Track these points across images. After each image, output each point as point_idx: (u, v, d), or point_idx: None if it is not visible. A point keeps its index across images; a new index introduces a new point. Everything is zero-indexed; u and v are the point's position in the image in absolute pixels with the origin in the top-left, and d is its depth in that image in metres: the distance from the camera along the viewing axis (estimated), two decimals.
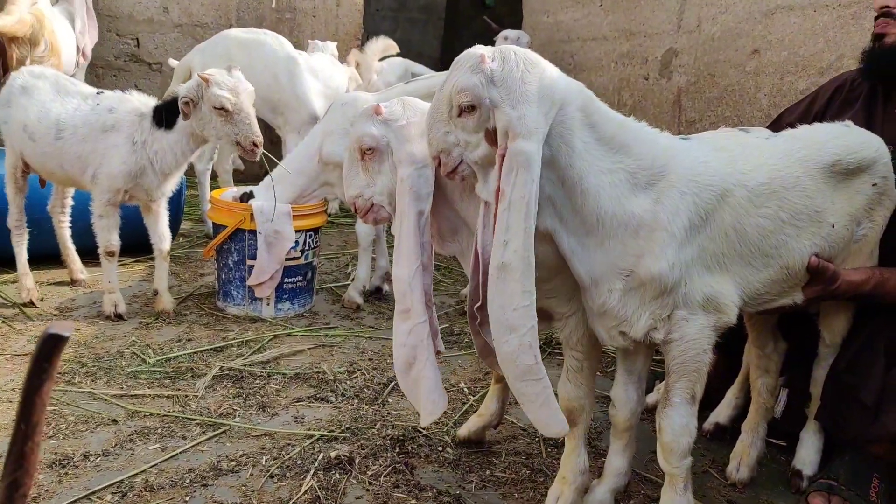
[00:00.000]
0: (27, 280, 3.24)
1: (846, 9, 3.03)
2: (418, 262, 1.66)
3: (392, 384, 2.66)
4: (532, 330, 1.48)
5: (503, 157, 1.46)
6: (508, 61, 1.51)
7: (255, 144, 2.90)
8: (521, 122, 1.45)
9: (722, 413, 2.46)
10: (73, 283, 3.52)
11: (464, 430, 2.27)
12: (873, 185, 1.92)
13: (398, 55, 5.91)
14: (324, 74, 4.78)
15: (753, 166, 1.75)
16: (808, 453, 2.16)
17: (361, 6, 6.62)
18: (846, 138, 1.92)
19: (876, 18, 2.19)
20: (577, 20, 5.73)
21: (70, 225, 3.51)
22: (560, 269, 1.70)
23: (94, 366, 2.66)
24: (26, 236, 3.30)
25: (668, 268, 1.59)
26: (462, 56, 1.55)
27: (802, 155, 1.83)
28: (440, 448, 2.25)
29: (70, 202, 3.48)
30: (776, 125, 2.42)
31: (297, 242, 3.26)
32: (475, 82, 1.48)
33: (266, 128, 6.18)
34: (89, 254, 3.31)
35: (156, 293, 3.24)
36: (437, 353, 2.00)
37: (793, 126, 2.26)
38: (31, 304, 3.20)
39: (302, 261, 3.33)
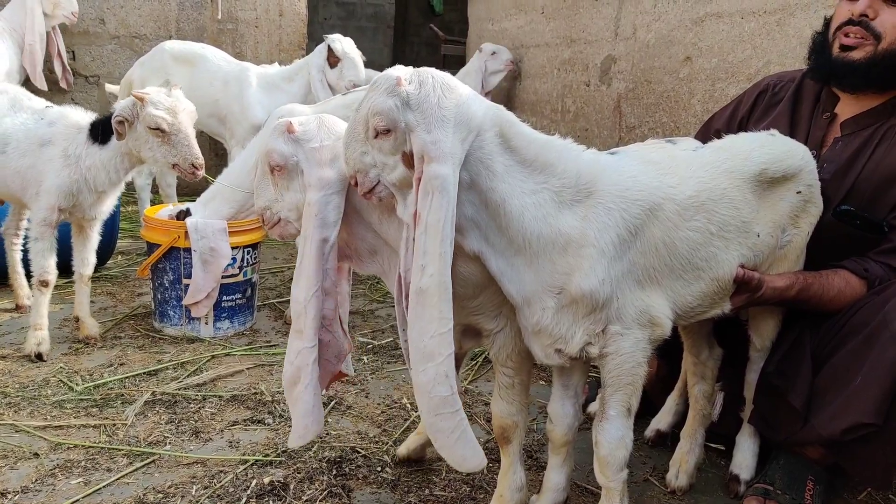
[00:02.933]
0: None
1: (771, 16, 3.09)
2: (317, 287, 1.62)
3: (332, 403, 2.60)
4: (449, 359, 1.45)
5: (419, 180, 1.44)
6: (425, 85, 1.48)
7: (194, 166, 2.78)
8: (436, 147, 1.43)
9: (663, 420, 2.47)
10: (17, 308, 3.36)
11: (403, 449, 2.23)
12: (797, 192, 1.94)
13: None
14: (273, 85, 4.69)
15: (681, 179, 1.74)
16: (744, 457, 2.17)
17: (305, 16, 6.54)
18: (771, 147, 1.94)
19: (849, 23, 2.03)
20: (520, 27, 5.76)
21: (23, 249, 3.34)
22: (485, 285, 1.67)
23: (17, 396, 2.54)
24: None
25: (599, 284, 1.58)
26: (380, 77, 1.52)
27: (729, 166, 1.84)
28: (379, 468, 2.20)
29: (25, 224, 3.30)
30: (704, 131, 2.44)
31: (234, 259, 3.17)
32: (390, 105, 1.46)
33: (212, 140, 6.07)
34: None
35: (77, 320, 3.10)
36: (345, 376, 1.97)
37: (720, 132, 2.29)
38: None
39: (240, 277, 3.25)
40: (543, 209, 1.56)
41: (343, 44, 4.61)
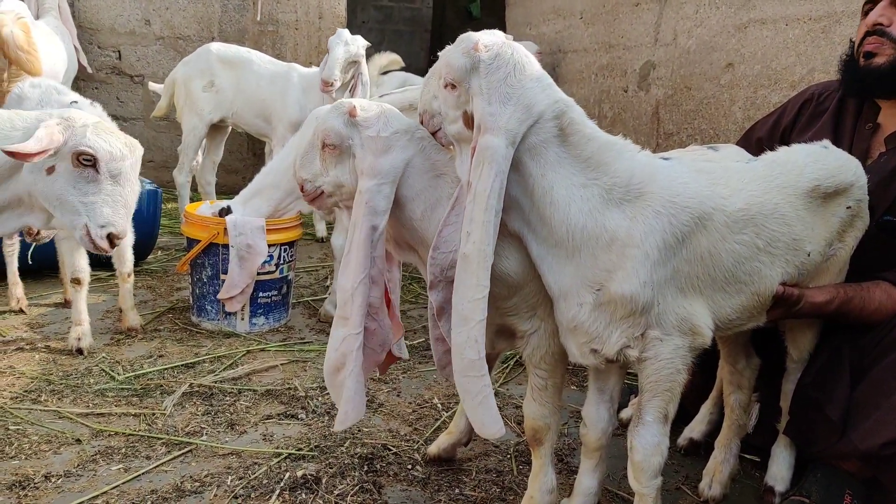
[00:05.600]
0: (17, 289, 3.35)
1: (816, 23, 3.05)
2: (364, 274, 1.65)
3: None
4: (480, 324, 1.50)
5: (475, 149, 1.49)
6: (500, 58, 1.53)
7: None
8: (493, 119, 1.48)
9: (696, 428, 2.44)
10: (66, 303, 3.44)
11: (434, 448, 2.25)
12: (847, 207, 1.90)
13: (402, 69, 5.96)
14: (312, 84, 4.74)
15: (732, 191, 1.71)
16: (779, 469, 2.14)
17: (344, 19, 6.61)
18: (825, 162, 1.89)
19: (867, 34, 2.09)
20: (558, 32, 5.75)
21: None
22: (519, 286, 1.68)
23: (61, 383, 2.62)
24: (17, 246, 3.37)
25: (640, 286, 1.57)
26: (466, 35, 1.58)
27: (781, 181, 1.80)
28: (410, 466, 2.22)
29: None
30: (746, 139, 2.41)
31: (271, 256, 3.23)
32: (461, 64, 1.53)
33: (249, 140, 6.18)
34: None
35: (121, 311, 3.20)
36: (399, 359, 1.99)
37: (762, 140, 2.26)
38: (21, 311, 3.34)
39: (277, 275, 3.30)
40: (591, 203, 1.56)
41: (333, 38, 4.42)
